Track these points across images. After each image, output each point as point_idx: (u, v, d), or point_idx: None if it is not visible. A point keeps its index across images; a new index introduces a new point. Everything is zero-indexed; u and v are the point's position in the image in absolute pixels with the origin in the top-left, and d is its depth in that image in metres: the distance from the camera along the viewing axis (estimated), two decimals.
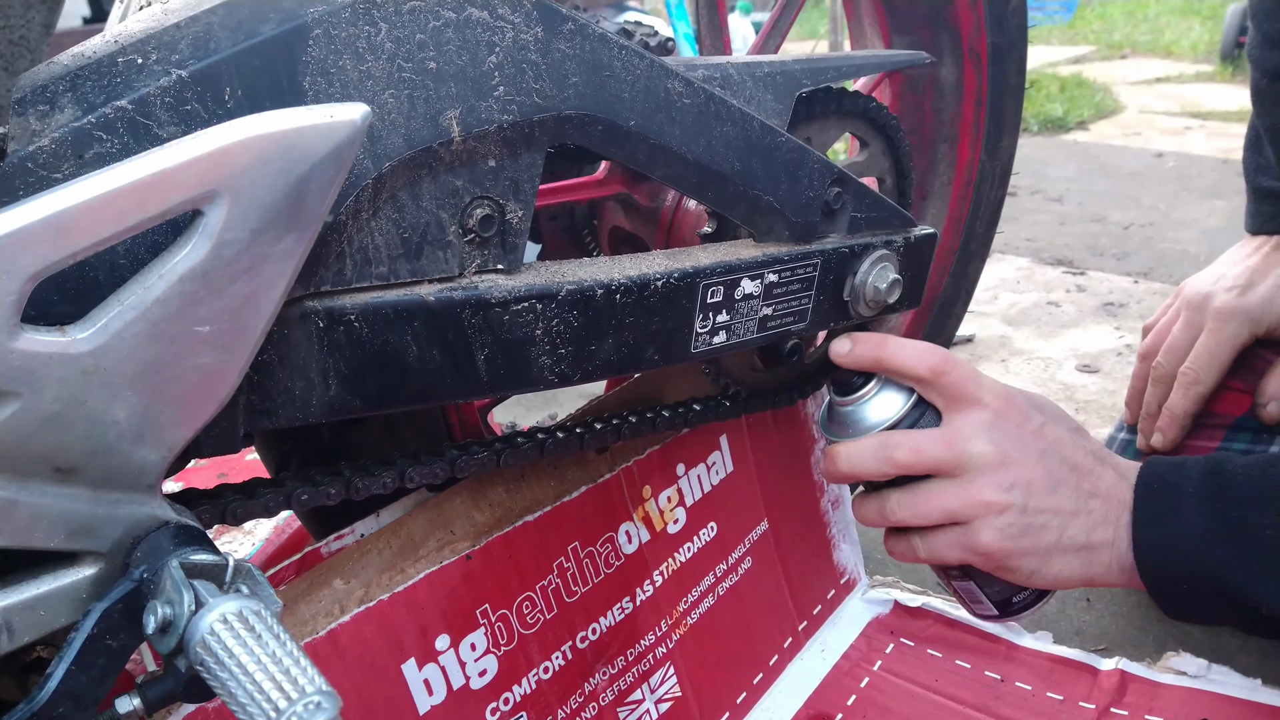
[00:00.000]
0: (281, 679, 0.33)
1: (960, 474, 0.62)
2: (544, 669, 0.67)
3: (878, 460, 0.63)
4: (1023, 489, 0.62)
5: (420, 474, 0.56)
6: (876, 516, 0.66)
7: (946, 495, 0.63)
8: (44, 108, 0.38)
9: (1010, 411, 0.63)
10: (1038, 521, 0.62)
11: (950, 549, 0.64)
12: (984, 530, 0.62)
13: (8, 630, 0.39)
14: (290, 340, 0.45)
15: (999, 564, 0.63)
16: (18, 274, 0.32)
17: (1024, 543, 0.62)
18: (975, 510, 0.62)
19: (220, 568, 0.39)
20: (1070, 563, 0.63)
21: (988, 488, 0.62)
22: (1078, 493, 0.63)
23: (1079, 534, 0.62)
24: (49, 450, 0.36)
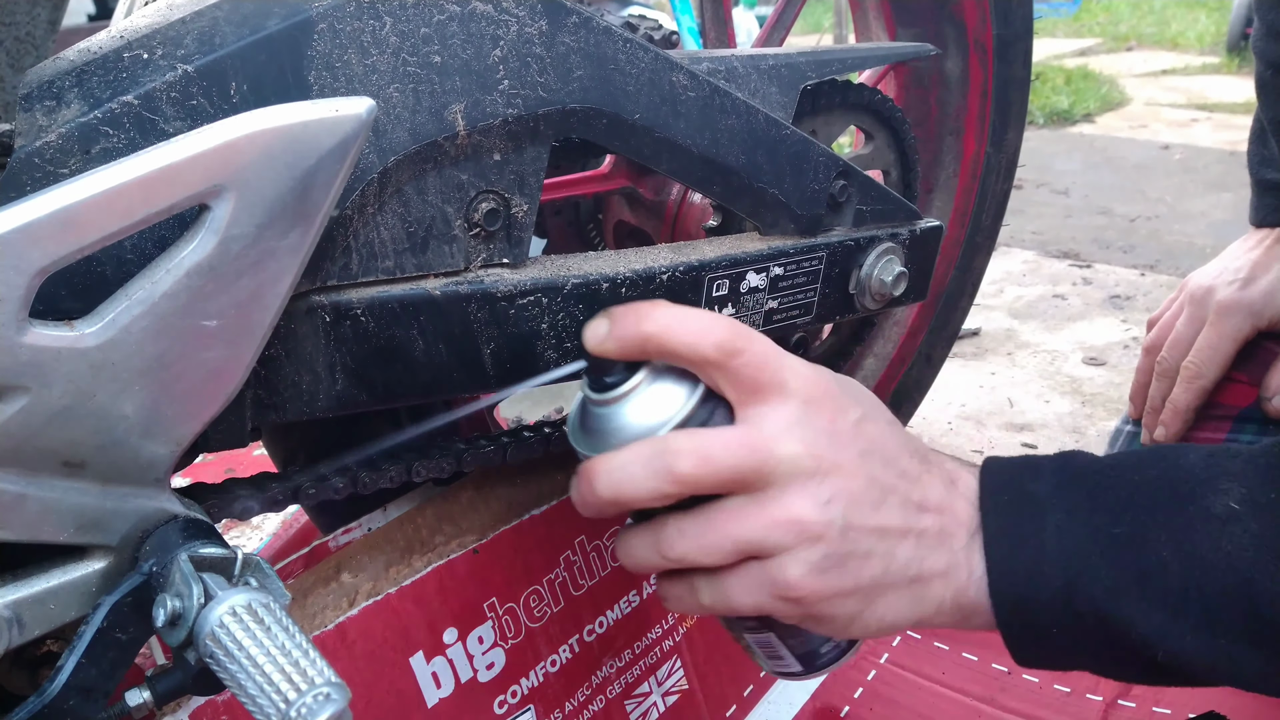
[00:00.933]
0: (291, 671, 0.34)
1: (762, 487, 0.46)
2: (551, 662, 0.68)
3: (652, 476, 0.45)
4: (843, 504, 0.46)
5: (427, 468, 0.56)
6: (648, 554, 0.48)
7: (745, 517, 0.46)
8: (50, 103, 0.38)
9: (823, 401, 0.48)
10: (860, 548, 0.47)
11: (747, 594, 0.47)
12: (792, 565, 0.46)
13: (18, 624, 0.39)
14: (297, 334, 0.45)
15: (810, 611, 0.47)
16: (25, 269, 0.32)
17: (845, 579, 0.47)
18: (782, 536, 0.46)
19: (229, 561, 0.39)
20: (898, 602, 0.48)
21: (798, 503, 0.46)
22: (905, 505, 0.48)
23: (909, 563, 0.48)
24: (58, 445, 0.36)
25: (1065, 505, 0.48)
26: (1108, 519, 0.47)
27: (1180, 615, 0.45)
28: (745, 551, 0.46)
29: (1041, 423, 1.64)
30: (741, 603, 0.48)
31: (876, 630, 0.49)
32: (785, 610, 0.48)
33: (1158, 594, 0.46)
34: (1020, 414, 1.68)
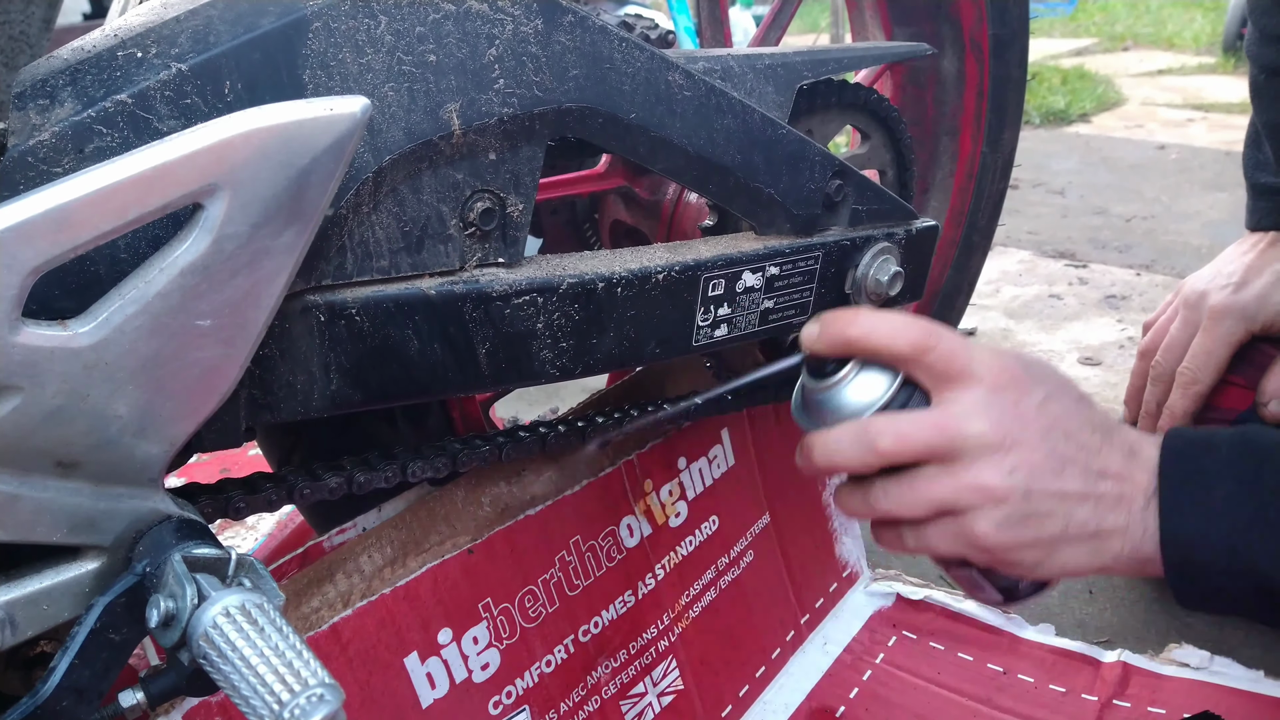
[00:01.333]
0: (284, 671, 0.33)
1: (954, 459, 0.55)
2: (546, 662, 0.68)
3: (859, 450, 0.55)
4: (1025, 473, 0.54)
5: (422, 468, 0.56)
6: (861, 507, 0.59)
7: (938, 484, 0.55)
8: (44, 102, 0.38)
9: (1008, 385, 0.56)
10: (1041, 509, 0.54)
11: (944, 542, 0.56)
12: (981, 521, 0.54)
13: (11, 625, 0.39)
14: (291, 334, 0.45)
15: (999, 557, 0.56)
16: (19, 268, 0.32)
17: (1026, 534, 0.55)
18: (971, 499, 0.54)
19: (223, 561, 0.39)
20: (1078, 553, 0.56)
21: (985, 472, 0.54)
22: (1086, 473, 0.55)
23: (1088, 521, 0.55)
24: (51, 444, 0.36)
25: (1235, 478, 0.54)
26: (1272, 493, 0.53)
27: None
28: (940, 509, 0.55)
29: None
30: (940, 548, 0.57)
31: (1061, 573, 0.57)
32: (978, 556, 0.57)
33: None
34: None
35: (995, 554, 0.56)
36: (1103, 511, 0.55)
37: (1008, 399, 0.55)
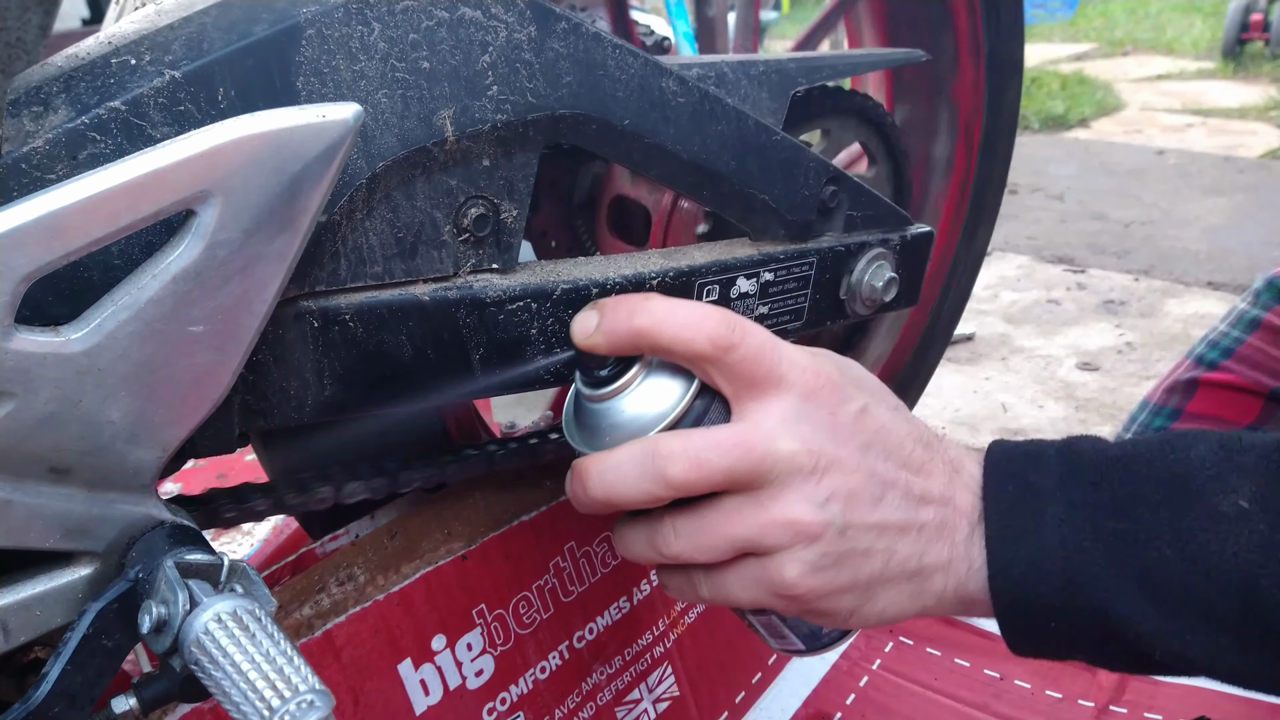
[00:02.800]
0: (275, 678, 0.33)
1: (759, 486, 0.46)
2: (541, 669, 0.67)
3: (646, 480, 0.45)
4: (841, 503, 0.46)
5: (417, 478, 0.56)
6: (646, 551, 0.49)
7: (740, 519, 0.46)
8: (38, 109, 0.38)
9: (822, 392, 0.47)
10: (859, 546, 0.46)
11: (745, 590, 0.47)
12: (789, 565, 0.46)
13: (4, 631, 0.39)
14: (285, 340, 0.45)
15: (807, 607, 0.48)
16: (11, 275, 0.32)
17: (841, 577, 0.46)
18: (779, 537, 0.45)
19: (215, 567, 0.39)
20: (897, 596, 0.48)
21: (796, 504, 0.45)
22: (907, 499, 0.48)
23: (909, 557, 0.47)
24: (44, 450, 0.36)
25: (1068, 499, 0.47)
26: (1110, 515, 0.46)
27: (1179, 614, 0.45)
28: (742, 550, 0.46)
29: (1035, 428, 1.64)
30: (739, 598, 0.48)
31: (876, 621, 0.49)
32: (783, 606, 0.48)
33: (1158, 594, 0.45)
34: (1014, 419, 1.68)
35: (804, 603, 0.47)
36: (924, 545, 0.48)
37: (822, 410, 0.47)
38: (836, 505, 0.46)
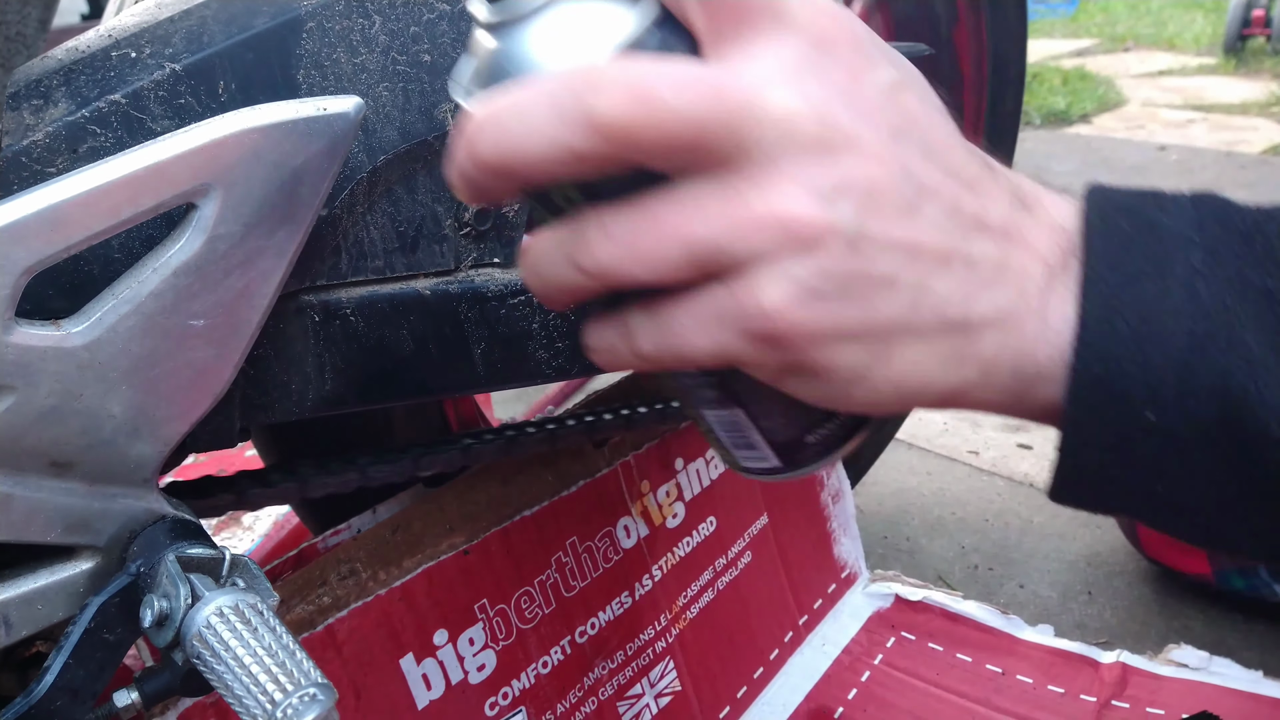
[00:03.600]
0: (277, 671, 0.33)
1: (734, 161, 0.30)
2: (543, 664, 0.67)
3: (562, 121, 0.29)
4: (858, 199, 0.30)
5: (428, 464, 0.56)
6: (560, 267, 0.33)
7: (702, 211, 0.30)
8: (38, 102, 0.38)
9: (843, 45, 0.31)
10: (878, 270, 0.31)
11: (701, 329, 0.32)
12: (771, 283, 0.30)
13: (5, 625, 0.39)
14: (286, 334, 0.45)
15: (793, 358, 0.32)
16: (11, 268, 0.32)
17: (848, 312, 0.31)
18: (760, 241, 0.30)
19: (217, 561, 0.39)
20: (925, 358, 0.32)
21: (789, 192, 0.30)
22: (955, 217, 0.32)
23: (949, 300, 0.32)
24: (45, 444, 0.36)
25: (1208, 246, 0.32)
26: (1263, 271, 0.32)
27: None
28: (702, 263, 0.30)
29: (1037, 424, 1.62)
30: (695, 344, 0.32)
31: (888, 398, 0.33)
32: (759, 356, 0.32)
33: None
34: None
35: (790, 349, 0.31)
36: (974, 286, 0.32)
37: (840, 68, 0.31)
38: (849, 203, 0.30)
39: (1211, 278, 0.32)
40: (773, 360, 0.32)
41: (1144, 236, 0.33)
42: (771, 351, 0.32)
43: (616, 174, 0.30)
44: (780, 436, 0.37)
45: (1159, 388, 0.31)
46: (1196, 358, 0.31)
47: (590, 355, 0.36)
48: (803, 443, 0.38)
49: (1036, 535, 1.15)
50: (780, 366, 0.32)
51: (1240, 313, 0.32)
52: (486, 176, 0.31)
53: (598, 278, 0.32)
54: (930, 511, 1.22)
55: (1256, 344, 0.31)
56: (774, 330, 0.31)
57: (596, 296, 0.34)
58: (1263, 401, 0.31)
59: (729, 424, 0.38)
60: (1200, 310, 0.32)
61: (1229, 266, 0.32)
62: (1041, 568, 1.09)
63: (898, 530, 1.19)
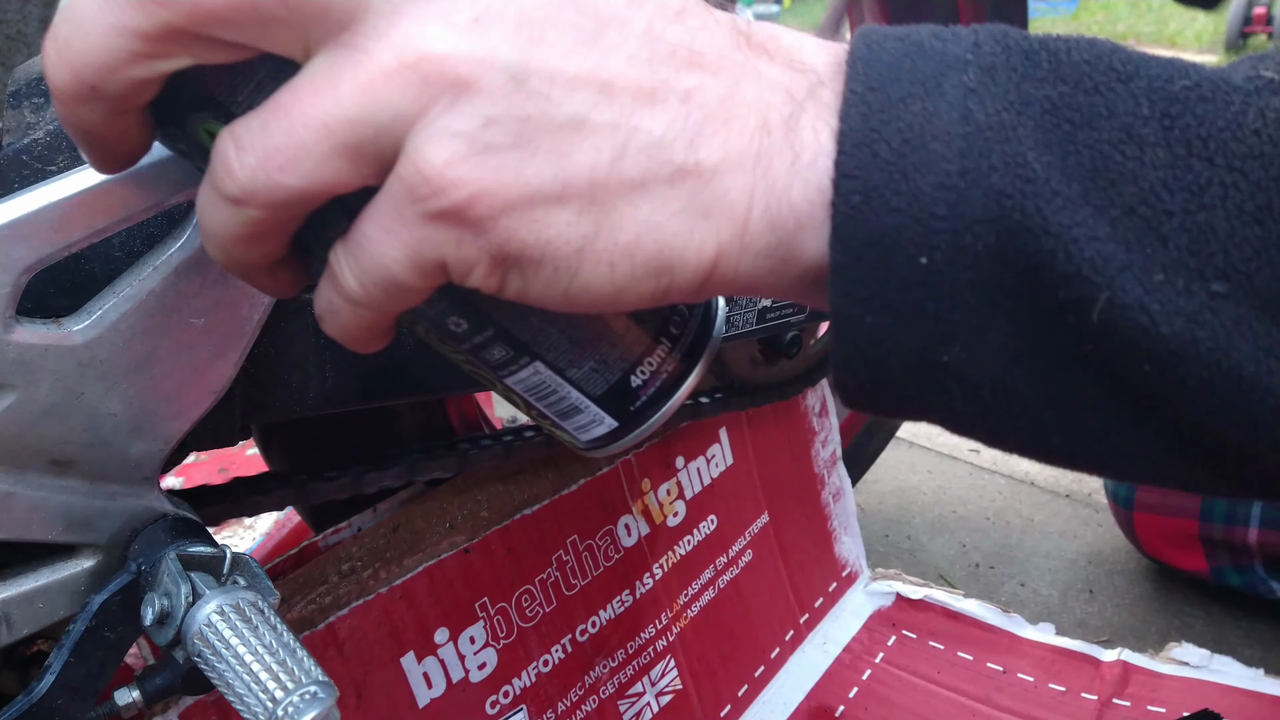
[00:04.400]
0: (278, 669, 0.33)
1: (355, 16, 0.26)
2: (544, 662, 0.67)
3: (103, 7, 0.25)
4: (510, 27, 0.26)
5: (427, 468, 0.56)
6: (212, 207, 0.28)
7: (328, 84, 0.26)
8: (38, 100, 0.38)
9: None
10: (560, 111, 0.26)
11: (385, 232, 0.27)
12: (428, 142, 0.26)
13: (6, 623, 0.39)
14: (287, 332, 0.45)
15: (494, 242, 0.27)
16: (12, 266, 0.32)
17: (535, 167, 0.26)
18: (402, 96, 0.25)
19: (218, 560, 0.39)
20: (656, 213, 0.27)
21: (418, 28, 0.25)
22: (649, 47, 0.27)
23: (666, 141, 0.27)
24: (46, 443, 0.36)
25: (982, 63, 0.28)
26: (1047, 85, 0.27)
27: (1154, 245, 0.26)
28: (355, 149, 0.26)
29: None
30: (388, 255, 0.27)
31: (632, 277, 0.28)
32: (458, 248, 0.27)
33: (1121, 201, 0.26)
34: None
35: (484, 227, 0.26)
36: (697, 124, 0.27)
37: None
38: (497, 33, 0.26)
39: (985, 94, 0.27)
40: (473, 249, 0.27)
41: (911, 59, 0.28)
42: (466, 234, 0.27)
43: (244, 83, 0.27)
44: (598, 386, 0.34)
45: (927, 221, 0.27)
46: (968, 181, 0.27)
47: (323, 328, 0.31)
48: (629, 388, 0.34)
49: (1038, 533, 1.15)
50: (490, 258, 0.27)
51: (1019, 128, 0.27)
52: (74, 109, 0.27)
53: (245, 201, 0.27)
54: (931, 510, 1.22)
55: (1038, 161, 0.27)
56: (451, 200, 0.26)
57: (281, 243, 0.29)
58: (1046, 227, 0.26)
59: (539, 389, 0.34)
60: (973, 129, 0.27)
61: (1005, 81, 0.28)
62: (1042, 566, 1.09)
63: (899, 528, 1.19)
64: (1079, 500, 1.20)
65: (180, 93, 0.27)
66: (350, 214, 0.28)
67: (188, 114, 0.28)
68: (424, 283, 0.28)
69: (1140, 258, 0.26)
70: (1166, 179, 0.26)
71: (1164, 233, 0.26)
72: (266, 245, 0.29)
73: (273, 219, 0.27)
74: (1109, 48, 0.28)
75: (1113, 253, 0.26)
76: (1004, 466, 1.29)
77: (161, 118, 0.29)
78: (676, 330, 0.34)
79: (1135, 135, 0.27)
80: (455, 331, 0.32)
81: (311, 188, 0.26)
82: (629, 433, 0.36)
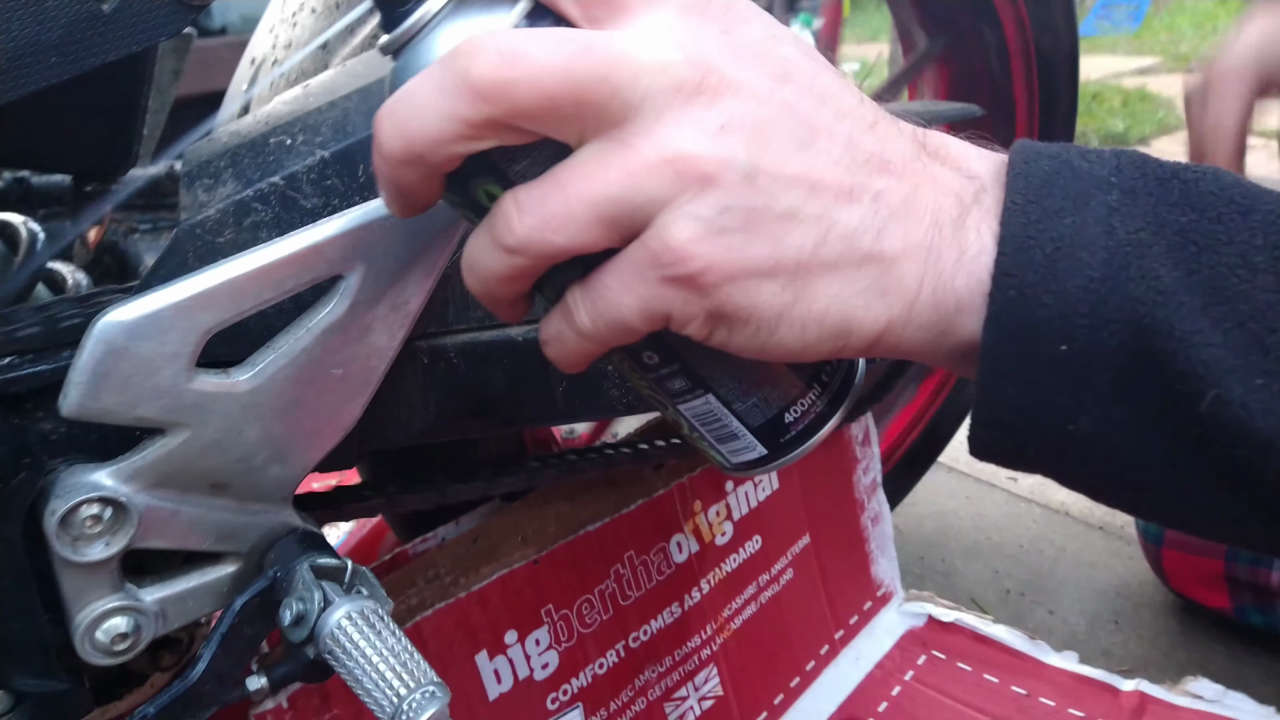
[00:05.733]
0: (400, 670, 0.40)
1: (620, 118, 0.32)
2: (599, 665, 0.74)
3: (445, 93, 0.31)
4: (747, 134, 0.32)
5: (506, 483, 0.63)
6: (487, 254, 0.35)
7: (599, 168, 0.32)
8: (209, 181, 0.45)
9: (713, 6, 0.34)
10: (780, 203, 0.32)
11: (625, 287, 0.33)
12: (677, 223, 0.32)
13: (162, 617, 0.46)
14: (400, 375, 0.52)
15: (716, 301, 0.33)
16: (196, 330, 0.40)
17: (756, 248, 0.33)
18: (657, 184, 0.32)
19: (341, 570, 0.46)
20: (845, 289, 0.34)
21: (675, 131, 0.32)
22: (852, 153, 0.34)
23: (858, 232, 0.33)
24: (209, 470, 0.43)
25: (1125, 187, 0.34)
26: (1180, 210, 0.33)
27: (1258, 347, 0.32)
28: (612, 220, 0.32)
29: None
30: (622, 303, 0.33)
31: (816, 338, 0.34)
32: (684, 305, 0.33)
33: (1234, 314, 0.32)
34: None
35: (710, 291, 0.33)
36: (883, 219, 0.34)
37: (712, 25, 0.33)
38: (737, 140, 0.32)
39: (1127, 214, 0.33)
40: (696, 307, 0.34)
41: (1063, 176, 0.34)
42: (692, 296, 0.33)
43: (523, 159, 0.34)
44: (757, 419, 0.40)
45: (1072, 316, 0.32)
46: (1109, 288, 0.32)
47: (546, 351, 0.38)
48: (782, 423, 0.40)
49: (1069, 564, 1.20)
50: (706, 315, 0.34)
51: (1154, 246, 0.33)
52: (398, 169, 0.33)
53: (519, 251, 0.33)
54: (967, 535, 1.27)
55: (1168, 276, 0.32)
56: (687, 269, 0.32)
57: (529, 286, 0.36)
58: (1172, 332, 0.32)
59: (706, 416, 0.40)
60: (1115, 243, 0.33)
61: (1144, 205, 0.34)
62: (1072, 595, 1.14)
63: (935, 552, 1.24)
64: (1112, 533, 1.24)
65: (473, 162, 0.34)
66: (585, 266, 0.35)
67: (473, 178, 0.35)
68: (647, 328, 0.35)
69: (1245, 364, 0.31)
70: (1273, 301, 0.32)
71: (1267, 345, 0.32)
72: (520, 285, 0.36)
73: (533, 267, 0.34)
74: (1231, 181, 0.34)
75: (1223, 358, 0.31)
76: (1040, 496, 1.33)
77: (452, 179, 0.35)
78: (827, 378, 0.40)
79: (1249, 262, 0.32)
80: (647, 364, 0.39)
81: (571, 247, 0.33)
82: (775, 461, 0.41)
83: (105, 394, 0.39)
